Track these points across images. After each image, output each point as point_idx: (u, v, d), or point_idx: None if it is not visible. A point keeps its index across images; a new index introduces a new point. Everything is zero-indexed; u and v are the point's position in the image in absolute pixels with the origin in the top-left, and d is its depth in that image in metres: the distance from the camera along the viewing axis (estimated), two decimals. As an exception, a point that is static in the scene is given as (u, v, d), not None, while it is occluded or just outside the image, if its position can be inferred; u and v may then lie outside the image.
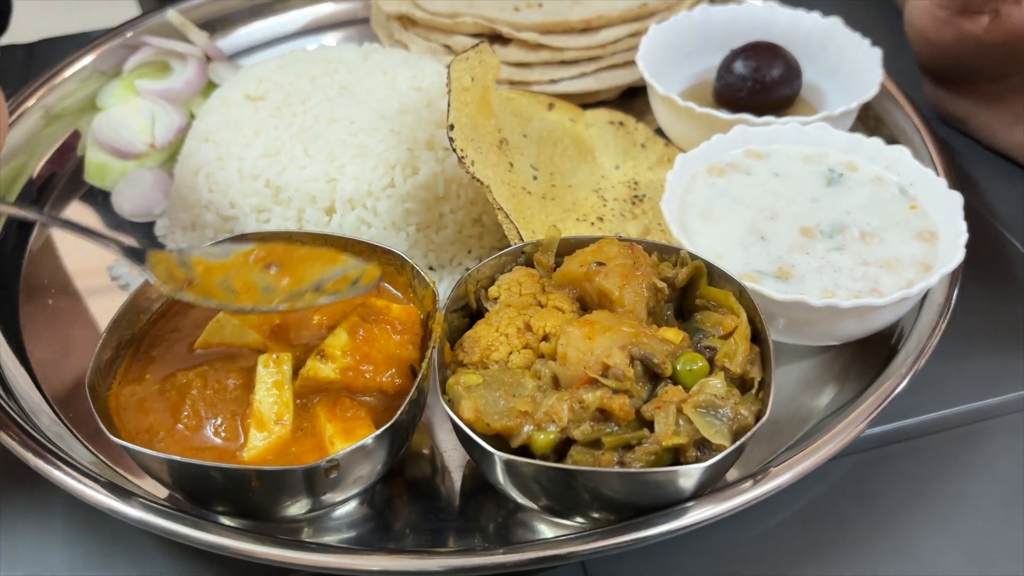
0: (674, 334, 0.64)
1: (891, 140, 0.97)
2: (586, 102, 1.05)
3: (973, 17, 0.90)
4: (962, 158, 1.01)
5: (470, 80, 0.84)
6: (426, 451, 0.74)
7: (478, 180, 0.76)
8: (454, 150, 0.76)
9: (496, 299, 0.71)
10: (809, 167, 0.84)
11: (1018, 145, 0.98)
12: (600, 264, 0.67)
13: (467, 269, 0.87)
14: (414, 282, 0.71)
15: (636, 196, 0.90)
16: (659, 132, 0.99)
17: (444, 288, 0.85)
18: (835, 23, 0.99)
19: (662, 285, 0.68)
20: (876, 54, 0.94)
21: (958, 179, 0.96)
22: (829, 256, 0.75)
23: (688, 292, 0.72)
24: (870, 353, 0.78)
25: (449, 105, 0.78)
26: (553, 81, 1.04)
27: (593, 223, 0.86)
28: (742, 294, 0.69)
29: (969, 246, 0.74)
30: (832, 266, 0.75)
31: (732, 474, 0.68)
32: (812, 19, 1.00)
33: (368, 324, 0.67)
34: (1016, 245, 0.91)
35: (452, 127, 0.77)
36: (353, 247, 0.72)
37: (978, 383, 0.78)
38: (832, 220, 0.79)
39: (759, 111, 0.96)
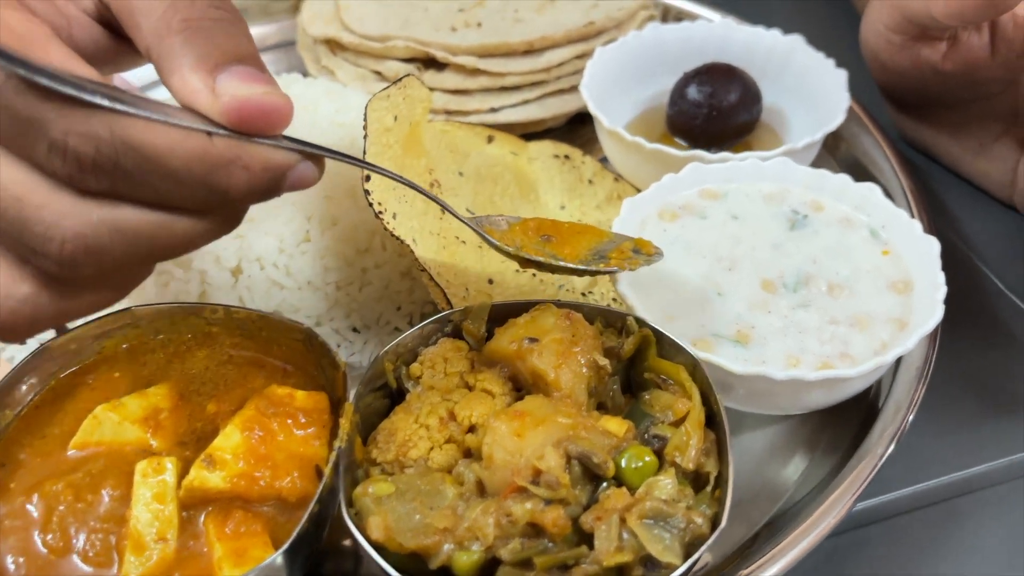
0: (617, 425, 0.56)
1: (859, 168, 0.90)
2: (531, 131, 0.97)
3: (930, 43, 0.82)
4: (937, 183, 0.93)
5: (392, 120, 0.75)
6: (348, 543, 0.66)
7: (397, 238, 0.67)
8: (370, 204, 0.67)
9: (419, 378, 0.62)
10: (770, 208, 0.76)
11: (982, 175, 0.90)
12: (533, 340, 0.59)
13: (396, 329, 0.78)
14: (323, 360, 0.63)
15: (582, 239, 0.82)
16: (609, 163, 0.91)
17: (369, 351, 0.76)
18: (797, 41, 0.91)
19: (604, 362, 0.59)
20: (841, 76, 0.87)
21: (933, 209, 0.89)
22: (794, 314, 0.67)
23: (636, 362, 0.64)
24: (841, 416, 0.70)
25: (365, 152, 0.69)
26: (494, 109, 0.95)
27: (535, 274, 0.78)
28: (695, 368, 0.60)
29: (947, 283, 0.67)
30: (797, 326, 0.67)
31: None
32: (772, 37, 0.92)
33: (266, 419, 0.58)
34: (996, 283, 0.83)
35: (368, 178, 0.68)
36: (243, 324, 0.64)
37: (960, 450, 0.70)
38: (797, 270, 0.71)
39: (717, 139, 0.88)
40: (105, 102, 0.47)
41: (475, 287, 0.74)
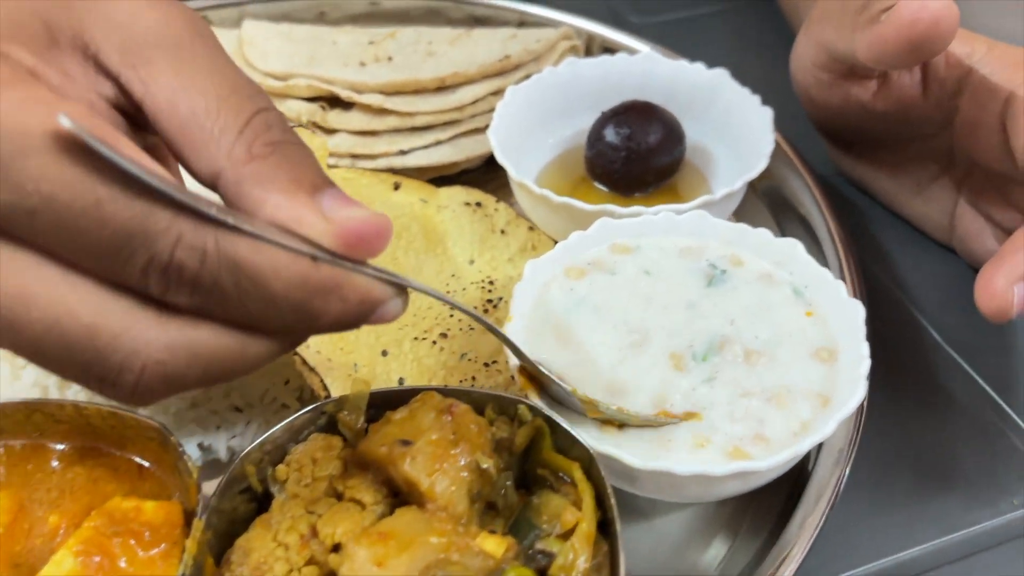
0: (495, 544, 0.50)
1: (788, 209, 0.84)
2: (445, 174, 0.91)
3: (859, 81, 0.77)
4: (874, 224, 0.88)
5: (274, 179, 0.69)
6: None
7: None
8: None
9: (285, 482, 0.56)
10: (686, 262, 0.70)
11: (921, 216, 0.85)
12: (406, 443, 0.53)
13: (284, 406, 0.72)
14: (179, 464, 0.56)
15: (490, 301, 0.76)
16: (524, 211, 0.85)
17: (252, 432, 0.70)
18: (721, 76, 0.85)
19: (488, 464, 0.53)
20: (767, 116, 0.81)
21: (869, 254, 0.83)
22: (705, 388, 0.61)
23: (531, 454, 0.58)
24: (765, 493, 0.64)
25: (233, 223, 0.63)
26: (403, 152, 0.89)
27: (435, 342, 0.71)
28: (591, 464, 0.55)
29: (878, 335, 0.63)
30: (708, 401, 0.61)
31: None
32: (696, 71, 0.87)
33: (106, 539, 0.51)
34: (934, 335, 0.78)
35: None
36: (93, 421, 0.57)
37: (892, 531, 0.65)
38: (711, 334, 0.65)
39: (637, 183, 0.83)
40: (214, 213, 0.42)
41: (366, 362, 0.68)
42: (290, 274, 0.44)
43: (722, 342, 0.64)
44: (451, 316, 0.73)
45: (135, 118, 0.48)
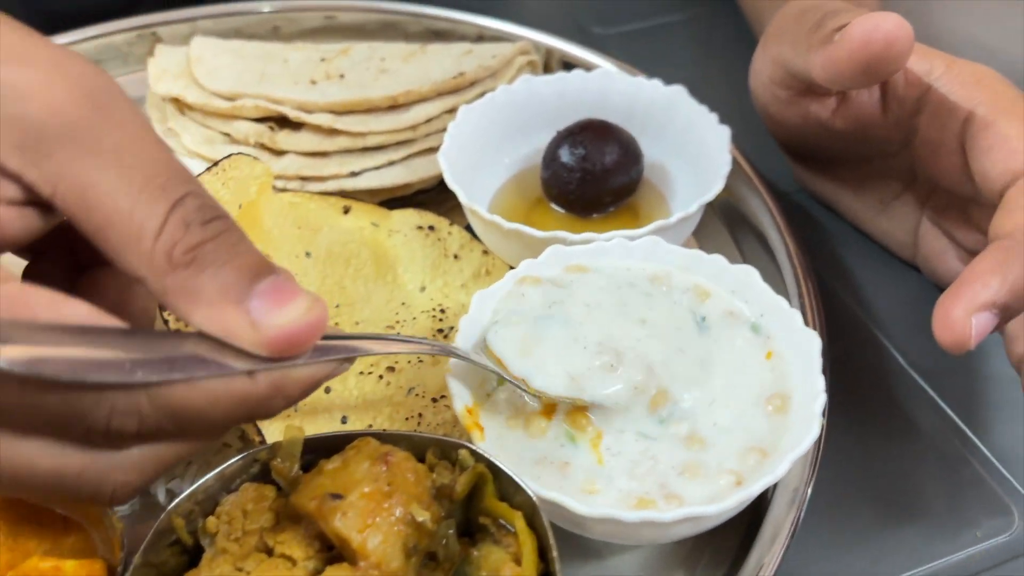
0: (428, 604, 0.47)
1: (745, 230, 0.82)
2: (400, 195, 0.88)
3: (818, 99, 0.75)
4: (835, 241, 0.86)
5: (211, 210, 0.67)
6: None
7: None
8: (164, 321, 0.58)
9: (215, 535, 0.53)
10: (660, 293, 0.67)
11: (884, 233, 0.83)
12: (336, 497, 0.50)
13: (226, 445, 0.69)
14: (104, 518, 0.54)
15: (440, 331, 0.73)
16: (479, 234, 0.83)
17: (192, 475, 0.67)
18: (679, 93, 0.83)
19: (424, 517, 0.51)
20: (724, 134, 0.79)
21: (831, 273, 0.81)
22: (658, 433, 0.59)
23: (473, 501, 0.55)
24: (721, 534, 0.62)
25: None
26: (354, 173, 0.86)
27: (382, 376, 0.69)
28: (535, 514, 0.52)
29: (840, 359, 0.63)
30: (655, 450, 0.58)
31: None
32: (653, 88, 0.84)
33: (20, 605, 0.49)
34: (898, 359, 0.76)
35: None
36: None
37: (850, 570, 0.63)
38: (686, 380, 0.62)
39: (594, 203, 0.81)
40: (140, 376, 0.43)
41: (308, 400, 0.65)
42: (229, 399, 0.45)
43: (688, 387, 0.62)
44: (399, 348, 0.71)
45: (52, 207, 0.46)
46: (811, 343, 0.61)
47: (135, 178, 0.43)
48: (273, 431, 0.61)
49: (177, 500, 0.54)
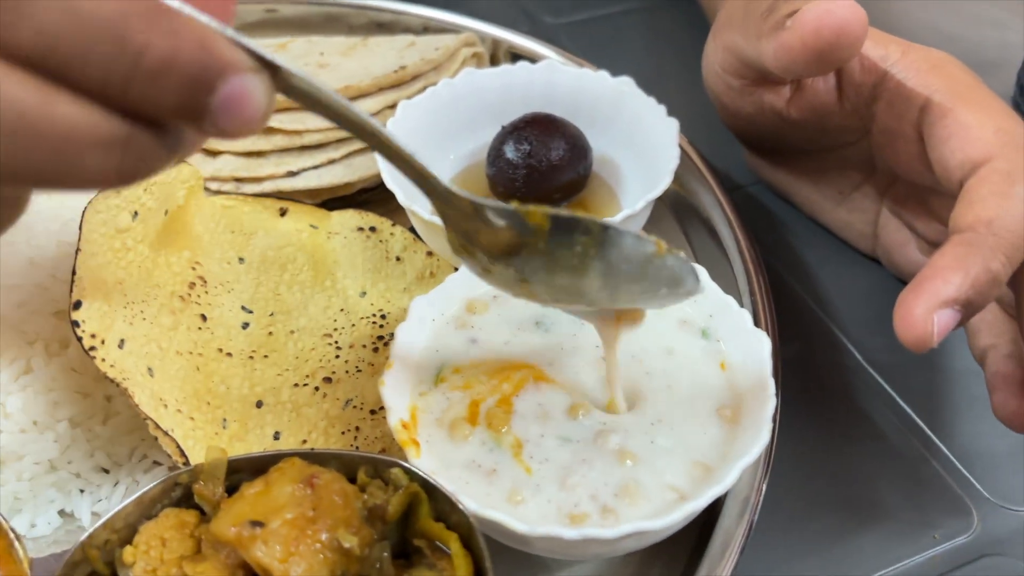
0: (353, 638, 0.44)
1: (696, 225, 0.79)
2: (341, 195, 0.85)
3: (772, 88, 0.72)
4: (792, 235, 0.84)
5: (131, 217, 0.63)
6: None
7: (111, 379, 0.55)
8: (78, 338, 0.55)
9: (133, 565, 0.50)
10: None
11: (843, 225, 0.81)
12: (257, 524, 0.47)
13: (155, 463, 0.65)
14: (12, 550, 0.50)
15: (381, 337, 0.70)
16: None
17: (121, 494, 0.63)
18: (626, 84, 0.80)
19: (351, 543, 0.48)
20: (672, 127, 0.76)
21: (787, 268, 0.79)
22: (595, 442, 0.57)
23: (409, 522, 0.53)
24: (673, 545, 0.60)
25: (74, 273, 0.56)
26: (292, 173, 0.83)
27: (318, 388, 0.66)
28: (471, 534, 0.50)
29: (795, 357, 0.62)
30: (592, 459, 0.56)
31: None
32: (600, 80, 0.81)
33: (-84, 650, 0.45)
34: (856, 356, 0.74)
35: (78, 304, 0.56)
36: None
37: (805, 572, 0.61)
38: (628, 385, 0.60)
39: (542, 200, 0.76)
40: None
41: (238, 416, 0.62)
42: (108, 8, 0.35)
43: (634, 394, 0.59)
44: (337, 357, 0.68)
45: None
46: (762, 344, 0.59)
47: None
48: (198, 453, 0.58)
49: (91, 529, 0.50)
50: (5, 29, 0.35)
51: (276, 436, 0.62)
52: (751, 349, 0.59)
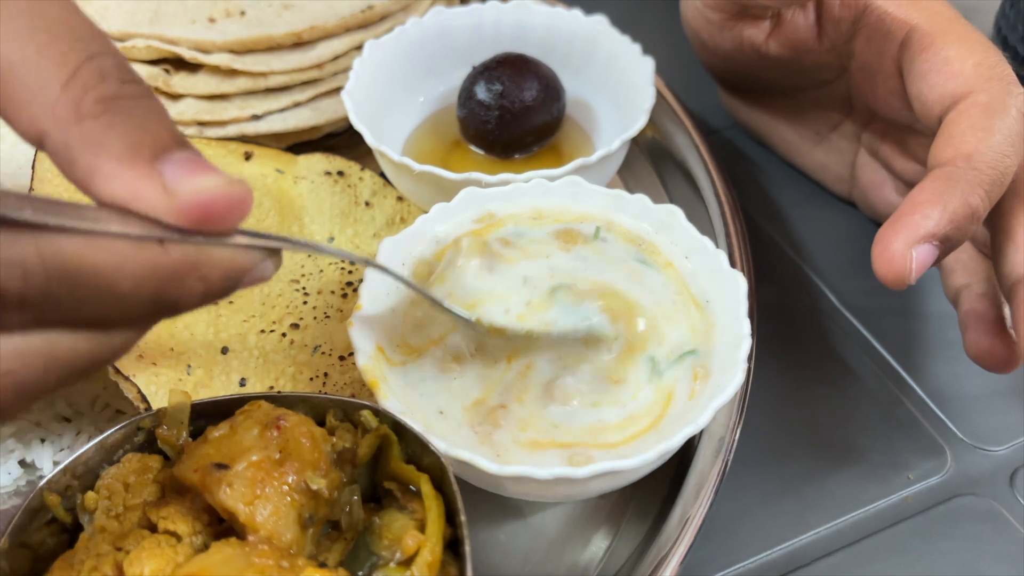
0: (323, 579, 0.43)
1: (672, 167, 0.78)
2: (307, 139, 0.82)
3: (752, 22, 0.71)
4: (767, 179, 0.83)
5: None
6: None
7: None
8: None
9: (95, 511, 0.49)
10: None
11: (820, 167, 0.80)
12: (221, 467, 0.46)
13: (118, 412, 0.64)
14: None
15: (350, 283, 0.69)
16: (392, 179, 0.77)
17: (83, 444, 0.62)
18: (600, 23, 0.78)
19: (320, 485, 0.47)
20: (648, 66, 0.74)
21: (761, 213, 0.78)
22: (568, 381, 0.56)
23: (379, 465, 0.52)
24: (647, 485, 0.59)
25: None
26: (256, 117, 0.80)
27: (285, 334, 0.64)
28: (443, 475, 0.49)
29: (770, 301, 0.61)
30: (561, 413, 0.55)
31: None
32: (573, 19, 0.79)
33: None
34: (832, 299, 0.73)
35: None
36: None
37: (782, 519, 0.60)
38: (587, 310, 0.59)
39: (514, 144, 0.76)
40: (28, 215, 0.35)
41: (202, 363, 0.60)
42: (136, 267, 0.38)
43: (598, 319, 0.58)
44: (304, 303, 0.66)
45: None
46: (737, 285, 0.58)
47: (45, 28, 0.38)
48: (161, 399, 0.56)
49: (49, 475, 0.49)
50: None
51: (242, 383, 0.60)
52: (727, 289, 0.58)
